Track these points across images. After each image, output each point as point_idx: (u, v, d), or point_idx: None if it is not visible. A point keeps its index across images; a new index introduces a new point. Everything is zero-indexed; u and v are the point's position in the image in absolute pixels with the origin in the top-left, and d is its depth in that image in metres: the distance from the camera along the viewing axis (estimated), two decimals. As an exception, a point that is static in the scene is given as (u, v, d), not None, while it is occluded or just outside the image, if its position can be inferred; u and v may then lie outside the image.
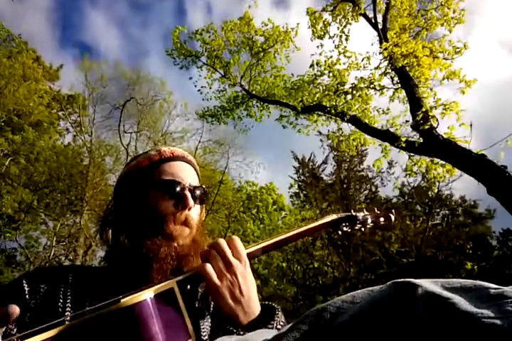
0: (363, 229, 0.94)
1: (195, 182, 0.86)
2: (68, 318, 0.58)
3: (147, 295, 0.55)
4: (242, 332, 0.63)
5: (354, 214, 0.91)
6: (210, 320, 0.78)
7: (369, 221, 0.93)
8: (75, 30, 27.62)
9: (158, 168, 0.83)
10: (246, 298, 0.67)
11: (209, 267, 0.66)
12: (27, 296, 0.71)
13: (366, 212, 0.94)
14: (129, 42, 30.94)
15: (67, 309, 0.71)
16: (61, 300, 0.72)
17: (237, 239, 0.72)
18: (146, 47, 30.98)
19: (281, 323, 0.66)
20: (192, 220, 0.81)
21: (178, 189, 0.80)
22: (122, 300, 0.53)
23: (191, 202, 0.81)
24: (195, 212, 0.83)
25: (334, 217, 0.88)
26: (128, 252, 0.77)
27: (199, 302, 0.61)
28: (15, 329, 0.59)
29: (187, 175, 0.84)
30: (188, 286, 0.63)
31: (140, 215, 0.80)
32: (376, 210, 0.96)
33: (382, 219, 0.95)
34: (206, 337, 0.74)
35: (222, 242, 0.70)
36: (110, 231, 0.80)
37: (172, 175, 0.82)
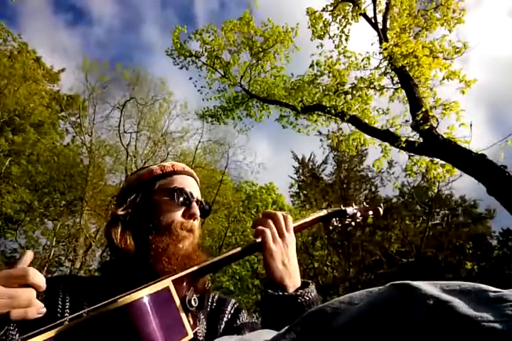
0: (353, 223, 0.96)
1: (200, 197, 0.92)
2: (67, 321, 0.58)
3: (143, 294, 0.55)
4: (281, 293, 0.69)
5: (344, 208, 0.93)
6: (205, 323, 0.80)
7: (358, 215, 0.95)
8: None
9: (171, 177, 0.88)
10: (292, 265, 0.73)
11: (268, 231, 0.73)
12: None
13: (355, 206, 0.96)
14: (124, 8, 29.35)
15: (66, 315, 0.72)
16: (60, 306, 0.73)
17: (289, 216, 0.78)
18: (141, 13, 29.36)
19: (313, 294, 0.71)
20: (196, 230, 0.86)
21: (188, 198, 0.86)
22: (119, 300, 0.54)
23: (198, 212, 0.86)
24: (197, 224, 0.88)
25: (325, 212, 0.90)
26: (133, 251, 0.79)
27: (194, 301, 0.61)
28: (17, 335, 0.59)
29: (195, 190, 0.90)
30: (184, 284, 0.63)
31: (149, 217, 0.83)
32: (365, 204, 0.98)
33: (370, 212, 0.97)
34: (202, 339, 0.75)
35: (279, 214, 0.76)
36: (119, 229, 0.81)
37: (183, 185, 0.88)
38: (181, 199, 0.84)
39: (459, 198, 15.03)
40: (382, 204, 0.98)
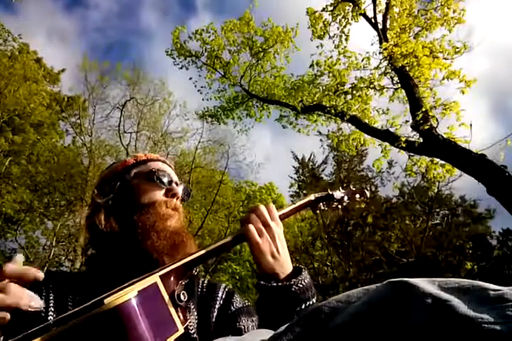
0: (339, 207, 0.96)
1: (179, 182, 0.91)
2: (51, 322, 0.57)
3: (130, 294, 0.53)
4: (275, 284, 0.68)
5: (331, 192, 0.94)
6: (196, 313, 0.78)
7: (345, 198, 0.96)
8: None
9: (146, 164, 0.89)
10: (282, 255, 0.72)
11: (252, 227, 0.72)
12: None
13: (342, 190, 0.97)
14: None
15: (50, 313, 0.72)
16: (43, 306, 0.72)
17: (272, 206, 0.78)
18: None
19: (306, 281, 0.70)
20: (180, 208, 0.86)
21: (166, 179, 0.86)
22: (106, 301, 0.52)
23: (179, 191, 0.87)
24: (180, 206, 0.88)
25: (312, 197, 0.91)
26: (120, 232, 0.78)
27: (184, 295, 0.61)
28: (1, 338, 0.59)
29: (171, 173, 0.91)
30: (172, 278, 0.62)
31: (131, 199, 0.82)
32: (351, 187, 0.99)
33: (357, 195, 0.98)
34: (194, 331, 0.74)
35: (262, 207, 0.76)
36: (103, 215, 0.80)
37: (159, 168, 0.89)
38: (160, 179, 0.85)
39: (459, 198, 15.03)
40: (367, 187, 1.00)
